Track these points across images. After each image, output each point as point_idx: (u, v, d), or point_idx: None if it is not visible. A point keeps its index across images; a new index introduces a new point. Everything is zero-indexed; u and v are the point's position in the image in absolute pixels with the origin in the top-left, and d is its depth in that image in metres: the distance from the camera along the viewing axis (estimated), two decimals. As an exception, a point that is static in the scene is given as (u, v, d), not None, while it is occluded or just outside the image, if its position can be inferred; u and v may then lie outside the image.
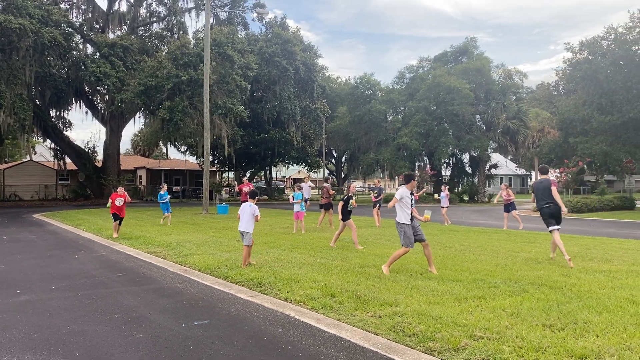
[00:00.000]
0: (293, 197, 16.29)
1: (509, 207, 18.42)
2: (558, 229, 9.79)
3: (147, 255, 11.20)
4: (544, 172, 10.13)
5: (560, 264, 9.60)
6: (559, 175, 33.63)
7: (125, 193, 15.30)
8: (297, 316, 6.02)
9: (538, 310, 6.04)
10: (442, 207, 20.41)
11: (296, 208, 16.01)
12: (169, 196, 19.31)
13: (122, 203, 14.96)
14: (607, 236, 15.54)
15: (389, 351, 4.76)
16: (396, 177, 47.39)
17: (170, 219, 19.19)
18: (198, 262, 9.86)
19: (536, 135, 48.60)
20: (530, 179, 76.18)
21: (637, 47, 30.70)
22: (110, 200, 15.21)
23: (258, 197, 10.14)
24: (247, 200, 9.59)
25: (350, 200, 12.02)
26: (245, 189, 19.05)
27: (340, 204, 12.09)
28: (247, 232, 9.25)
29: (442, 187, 21.61)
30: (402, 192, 8.46)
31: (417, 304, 6.36)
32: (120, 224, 15.25)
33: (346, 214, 11.95)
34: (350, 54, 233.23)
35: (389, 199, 32.09)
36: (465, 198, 44.63)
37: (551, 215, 9.76)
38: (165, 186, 19.58)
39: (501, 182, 24.34)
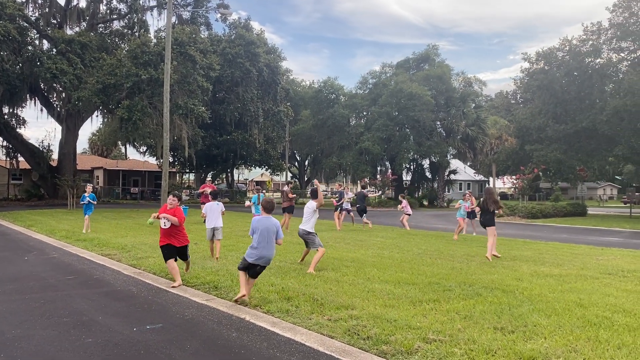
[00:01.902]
0: (251, 201, 16.30)
1: (471, 214, 18.80)
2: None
3: (100, 258, 10.90)
4: None
5: (513, 267, 9.85)
6: (515, 181, 34.56)
7: (177, 205, 8.05)
8: (252, 320, 5.96)
9: (490, 313, 6.16)
10: (405, 215, 20.52)
11: (254, 210, 16.01)
12: (91, 200, 16.38)
13: (168, 225, 7.80)
14: (559, 241, 16.04)
15: (343, 354, 4.76)
16: (358, 182, 47.72)
17: (89, 225, 16.13)
18: (153, 265, 9.65)
19: (494, 142, 49.80)
20: (488, 185, 77.98)
21: (589, 59, 31.93)
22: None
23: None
24: (208, 201, 9.99)
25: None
26: (208, 189, 19.15)
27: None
28: (221, 227, 10.43)
29: (400, 196, 21.91)
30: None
31: (373, 307, 6.39)
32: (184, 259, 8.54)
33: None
34: (315, 57, 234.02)
35: (351, 202, 32.24)
36: (425, 203, 45.33)
37: None
38: (90, 187, 17.06)
39: (468, 188, 24.89)
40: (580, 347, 4.91)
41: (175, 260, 7.97)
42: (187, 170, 53.70)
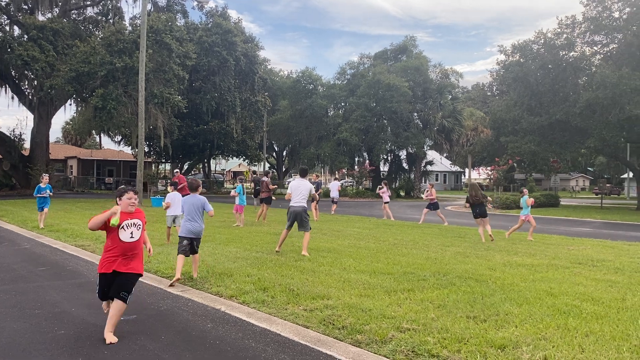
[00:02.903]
0: (236, 191, 16.22)
1: (432, 205, 19.00)
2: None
3: (73, 249, 10.74)
4: None
5: (486, 257, 10.01)
6: (490, 173, 35.05)
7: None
8: (228, 310, 5.96)
9: (463, 302, 6.27)
10: (384, 203, 20.76)
11: (237, 201, 15.93)
12: (50, 192, 15.23)
13: (137, 236, 5.19)
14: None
15: (318, 344, 4.79)
16: (336, 172, 47.85)
17: (44, 219, 14.92)
18: (128, 255, 9.53)
19: (470, 133, 50.43)
20: (464, 176, 78.92)
21: (564, 53, 32.40)
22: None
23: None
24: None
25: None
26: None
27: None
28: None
29: (383, 183, 21.98)
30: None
31: (348, 297, 6.44)
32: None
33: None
34: (293, 47, 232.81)
35: (328, 193, 32.35)
36: (402, 193, 45.68)
37: None
38: (46, 177, 15.70)
39: (432, 180, 25.24)
40: (550, 335, 5.03)
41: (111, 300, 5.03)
42: (163, 160, 53.13)
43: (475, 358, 4.40)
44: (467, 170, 71.79)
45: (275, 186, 20.47)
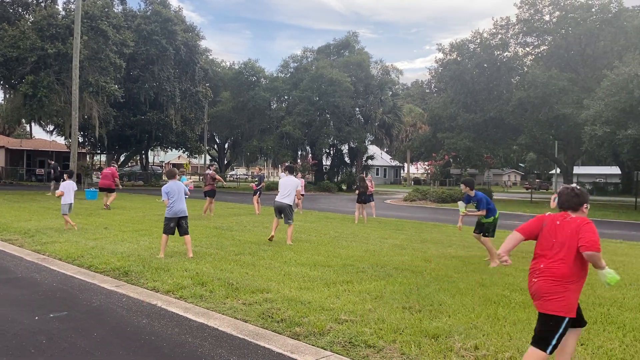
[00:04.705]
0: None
1: (369, 197, 19.17)
2: None
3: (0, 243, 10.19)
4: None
5: (422, 249, 10.31)
6: (427, 167, 36.03)
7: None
8: (164, 306, 5.84)
9: (399, 293, 6.44)
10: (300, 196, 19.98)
11: None
12: None
13: None
14: (466, 224, 16.92)
15: (256, 338, 4.79)
16: (279, 166, 47.72)
17: None
18: (59, 250, 9.16)
19: (409, 129, 51.63)
20: (403, 170, 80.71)
21: (498, 52, 33.71)
22: None
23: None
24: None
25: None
26: (108, 171, 19.50)
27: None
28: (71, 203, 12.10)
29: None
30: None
31: (288, 290, 6.47)
32: None
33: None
34: (236, 38, 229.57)
35: (272, 186, 32.23)
36: (344, 187, 46.17)
37: None
38: None
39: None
40: (481, 324, 5.25)
41: None
42: (99, 152, 51.19)
43: (410, 348, 4.54)
44: (406, 165, 73.48)
45: (220, 177, 19.98)
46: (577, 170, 45.47)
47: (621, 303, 6.29)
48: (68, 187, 12.06)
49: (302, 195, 18.54)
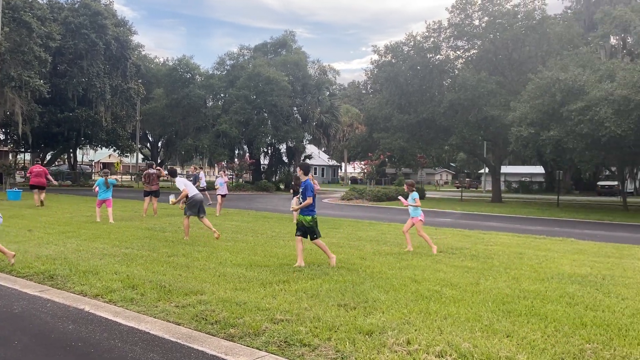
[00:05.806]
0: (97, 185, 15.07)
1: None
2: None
3: None
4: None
5: (358, 247, 10.46)
6: (364, 167, 36.64)
7: None
8: (92, 310, 5.60)
9: (335, 291, 6.49)
10: (219, 195, 18.29)
11: (102, 196, 14.77)
12: None
13: None
14: (400, 222, 17.31)
15: (189, 340, 4.68)
16: (215, 165, 46.97)
17: None
18: (-24, 255, 8.58)
19: (346, 129, 52.28)
20: (341, 170, 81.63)
21: (431, 55, 34.72)
22: None
23: None
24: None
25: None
26: (39, 169, 19.07)
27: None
28: None
29: (220, 173, 20.22)
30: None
31: (223, 291, 6.37)
32: None
33: None
34: (170, 34, 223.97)
35: (209, 187, 31.62)
36: (282, 187, 46.08)
37: None
38: None
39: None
40: (413, 319, 5.38)
41: None
42: (22, 150, 48.47)
43: (345, 345, 4.58)
44: (343, 164, 74.37)
45: (166, 173, 19.04)
46: (504, 169, 47.60)
47: (544, 296, 6.63)
48: None
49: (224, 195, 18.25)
